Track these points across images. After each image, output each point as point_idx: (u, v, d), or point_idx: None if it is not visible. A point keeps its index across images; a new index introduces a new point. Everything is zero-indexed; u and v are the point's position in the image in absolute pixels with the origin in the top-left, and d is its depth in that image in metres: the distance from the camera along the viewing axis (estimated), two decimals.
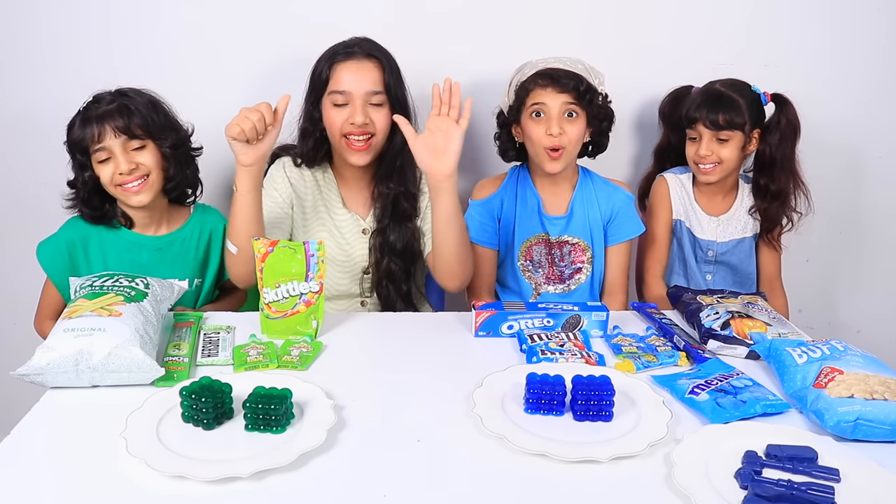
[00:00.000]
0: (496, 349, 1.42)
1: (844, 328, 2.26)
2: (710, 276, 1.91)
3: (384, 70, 1.63)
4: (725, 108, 1.76)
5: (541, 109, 1.68)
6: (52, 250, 1.63)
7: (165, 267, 1.65)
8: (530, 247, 1.81)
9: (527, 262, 1.82)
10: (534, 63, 1.72)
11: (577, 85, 1.66)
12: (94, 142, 1.54)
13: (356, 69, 1.61)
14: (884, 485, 0.99)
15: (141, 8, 1.89)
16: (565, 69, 1.67)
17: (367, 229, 1.73)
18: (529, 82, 1.69)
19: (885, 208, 2.22)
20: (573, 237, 1.82)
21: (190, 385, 1.10)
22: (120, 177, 1.56)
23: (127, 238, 1.66)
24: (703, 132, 1.79)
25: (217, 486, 0.97)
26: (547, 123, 1.68)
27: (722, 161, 1.80)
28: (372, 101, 1.62)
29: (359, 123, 1.60)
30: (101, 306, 1.28)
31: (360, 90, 1.60)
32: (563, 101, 1.67)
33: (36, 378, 1.19)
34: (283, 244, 1.42)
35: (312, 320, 1.42)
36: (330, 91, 1.62)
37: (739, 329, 1.41)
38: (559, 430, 1.11)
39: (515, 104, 1.73)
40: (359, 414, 1.15)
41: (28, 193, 2.00)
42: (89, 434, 1.08)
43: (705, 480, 0.98)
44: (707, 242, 1.90)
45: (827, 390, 1.15)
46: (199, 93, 1.84)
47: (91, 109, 1.55)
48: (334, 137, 1.65)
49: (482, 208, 1.80)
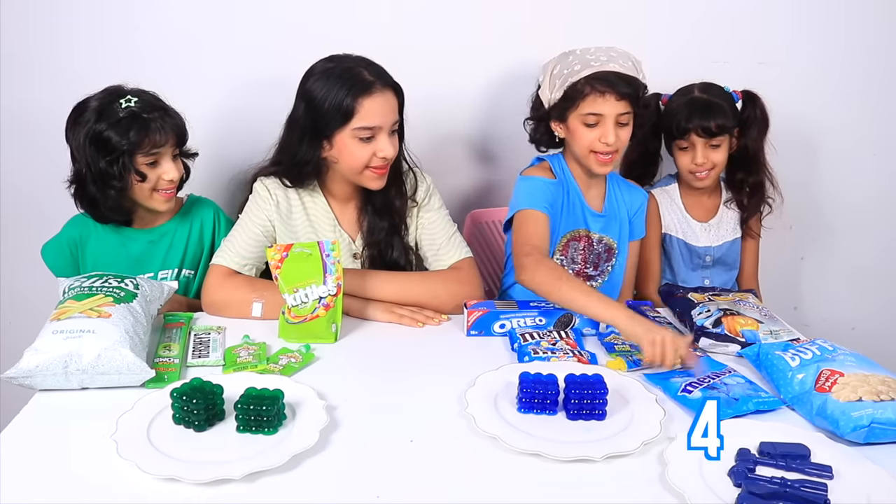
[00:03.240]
0: (488, 348, 1.42)
1: (839, 325, 2.26)
2: (708, 281, 1.92)
3: (398, 97, 1.59)
4: (715, 114, 1.77)
5: (597, 120, 1.60)
6: (55, 250, 1.66)
7: (159, 258, 1.66)
8: (568, 242, 1.74)
9: (560, 258, 1.75)
10: (582, 56, 1.59)
11: (635, 92, 1.59)
12: (152, 146, 1.54)
13: (383, 103, 1.54)
14: (876, 481, 0.99)
15: (134, 9, 1.88)
16: (622, 73, 1.57)
17: (357, 253, 1.69)
18: (584, 85, 1.58)
19: (880, 206, 2.23)
20: (607, 236, 1.76)
21: (181, 386, 1.09)
22: (168, 182, 1.59)
23: (122, 232, 1.67)
24: (697, 141, 1.79)
25: (209, 488, 0.96)
26: (602, 130, 1.59)
27: (715, 166, 1.81)
28: (392, 130, 1.58)
29: (390, 157, 1.56)
30: (90, 307, 1.27)
31: (387, 123, 1.55)
32: (620, 111, 1.59)
33: (25, 381, 1.18)
34: (297, 247, 1.42)
35: (332, 325, 1.41)
36: (356, 126, 1.53)
37: (731, 327, 1.41)
38: (552, 429, 1.11)
39: (563, 103, 1.62)
40: (351, 414, 1.15)
41: (21, 194, 1.99)
42: (79, 437, 1.08)
43: (699, 478, 0.98)
44: (704, 249, 1.90)
45: (833, 394, 1.14)
46: (189, 93, 1.83)
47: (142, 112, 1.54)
48: (354, 169, 1.58)
49: (546, 186, 1.67)
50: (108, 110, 1.53)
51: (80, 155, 1.55)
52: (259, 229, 1.61)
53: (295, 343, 1.39)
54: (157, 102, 1.59)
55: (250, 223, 1.62)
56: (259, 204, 1.63)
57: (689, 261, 1.92)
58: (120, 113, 1.52)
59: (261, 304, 1.51)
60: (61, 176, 1.64)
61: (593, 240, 1.75)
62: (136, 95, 1.56)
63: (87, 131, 1.53)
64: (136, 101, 1.54)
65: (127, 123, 1.52)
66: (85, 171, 1.55)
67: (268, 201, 1.62)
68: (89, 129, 1.53)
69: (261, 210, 1.62)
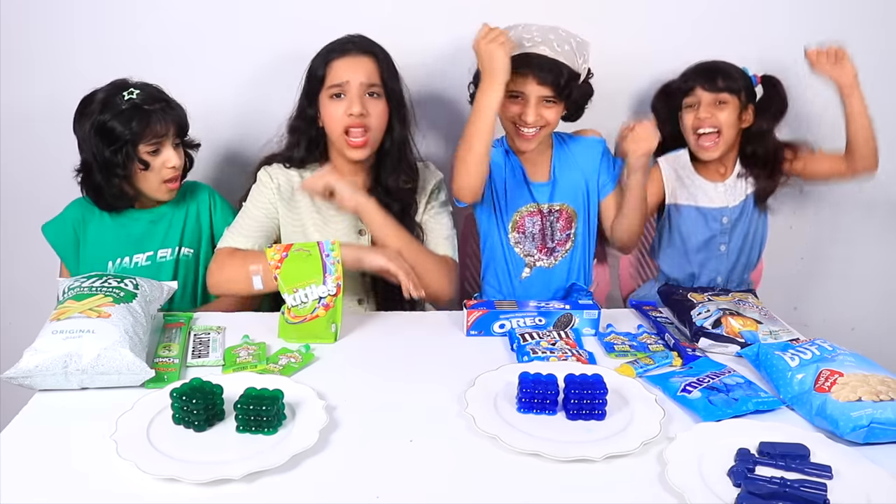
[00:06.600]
0: (488, 348, 1.42)
1: (839, 325, 2.26)
2: (724, 247, 1.90)
3: (379, 64, 1.65)
4: (722, 73, 1.82)
5: (518, 95, 1.64)
6: (58, 228, 1.71)
7: (159, 237, 1.72)
8: (521, 218, 1.76)
9: (518, 235, 1.76)
10: (519, 34, 1.62)
11: (559, 78, 1.61)
12: (154, 135, 1.61)
13: (352, 62, 1.63)
14: (876, 481, 0.99)
15: (135, 4, 1.89)
16: (547, 57, 1.60)
17: (363, 229, 1.72)
18: (511, 62, 1.58)
19: (880, 205, 2.23)
20: (560, 203, 1.77)
21: (180, 386, 1.09)
22: (170, 171, 1.65)
23: (123, 212, 1.71)
24: (703, 96, 1.81)
25: (209, 488, 0.96)
26: (523, 108, 1.64)
27: (721, 129, 1.81)
28: (368, 92, 1.63)
29: (356, 113, 1.60)
30: (89, 308, 1.27)
31: (356, 81, 1.61)
32: (542, 94, 1.62)
33: (24, 381, 1.18)
34: (297, 247, 1.42)
35: (331, 325, 1.41)
36: (327, 86, 1.63)
37: (730, 327, 1.41)
38: (552, 429, 1.11)
39: None
40: (351, 414, 1.15)
41: (19, 190, 1.99)
42: (79, 437, 1.08)
43: (698, 478, 0.98)
44: (719, 210, 1.88)
45: (832, 394, 1.14)
46: (191, 87, 1.83)
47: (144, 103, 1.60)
48: (334, 133, 1.65)
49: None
50: (111, 102, 1.60)
51: (86, 145, 1.62)
52: (262, 212, 1.67)
53: (295, 343, 1.39)
54: (158, 95, 1.65)
55: (253, 208, 1.68)
56: (261, 189, 1.69)
57: (703, 227, 1.89)
58: (123, 105, 1.59)
59: (259, 276, 1.52)
60: (62, 173, 1.66)
61: (545, 213, 1.77)
62: (139, 88, 1.63)
63: (92, 122, 1.60)
64: (138, 94, 1.61)
65: (129, 114, 1.59)
66: (91, 161, 1.63)
67: (268, 185, 1.68)
68: (94, 120, 1.60)
69: (262, 195, 1.69)
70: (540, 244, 1.78)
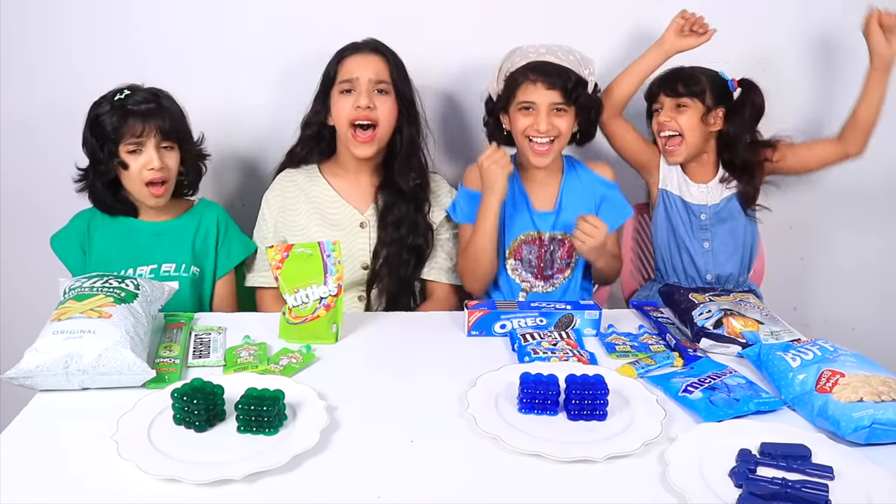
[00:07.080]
0: (489, 348, 1.41)
1: (839, 325, 2.26)
2: (708, 244, 1.91)
3: (389, 63, 1.71)
4: (684, 79, 1.84)
5: (529, 105, 1.68)
6: (65, 242, 1.69)
7: (163, 251, 1.69)
8: (519, 245, 1.78)
9: (515, 262, 1.78)
10: (524, 51, 1.69)
11: (566, 82, 1.65)
12: (132, 135, 1.60)
13: (362, 60, 1.70)
14: (877, 482, 0.99)
15: (133, 11, 1.89)
16: (555, 63, 1.65)
17: (364, 223, 1.73)
18: (519, 74, 1.67)
19: (880, 205, 2.23)
20: (562, 233, 1.78)
21: (181, 387, 1.09)
22: (150, 172, 1.61)
23: (128, 223, 1.69)
24: (664, 101, 1.85)
25: (209, 488, 0.96)
26: (535, 118, 1.67)
27: (682, 133, 1.83)
28: (378, 89, 1.68)
29: (363, 105, 1.65)
30: (90, 308, 1.27)
31: (365, 77, 1.68)
32: (552, 101, 1.66)
33: (25, 381, 1.18)
34: (298, 248, 1.43)
35: (332, 325, 1.41)
36: (338, 82, 1.69)
37: (732, 328, 1.41)
38: (553, 429, 1.11)
39: (504, 94, 1.72)
40: (352, 415, 1.15)
41: (21, 196, 2.00)
42: (80, 437, 1.07)
43: (700, 479, 0.98)
44: (699, 207, 1.91)
45: (834, 395, 1.14)
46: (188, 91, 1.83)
47: (129, 102, 1.60)
48: (342, 128, 1.70)
49: (473, 201, 1.75)
50: (105, 101, 1.62)
51: (84, 142, 1.64)
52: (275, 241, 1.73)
53: (295, 343, 1.39)
54: (152, 97, 1.64)
55: (264, 241, 1.75)
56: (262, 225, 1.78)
57: (686, 219, 1.92)
58: (113, 104, 1.61)
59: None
60: (60, 178, 1.67)
61: (545, 240, 1.78)
62: (134, 90, 1.63)
63: (87, 119, 1.63)
64: (128, 94, 1.62)
65: (112, 113, 1.60)
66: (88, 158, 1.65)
67: (268, 220, 1.77)
68: (89, 116, 1.63)
69: (267, 227, 1.77)
70: (536, 271, 1.79)
